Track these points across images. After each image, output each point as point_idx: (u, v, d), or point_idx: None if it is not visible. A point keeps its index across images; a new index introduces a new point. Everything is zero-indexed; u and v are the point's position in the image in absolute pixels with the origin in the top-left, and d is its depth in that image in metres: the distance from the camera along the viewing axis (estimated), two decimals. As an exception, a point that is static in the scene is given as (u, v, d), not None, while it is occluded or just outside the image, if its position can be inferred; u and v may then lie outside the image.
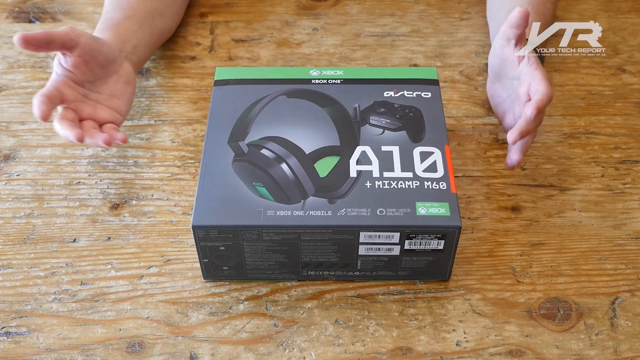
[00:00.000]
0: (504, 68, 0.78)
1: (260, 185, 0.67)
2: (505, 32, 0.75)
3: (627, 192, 0.79)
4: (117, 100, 0.79)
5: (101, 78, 0.78)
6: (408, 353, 0.65)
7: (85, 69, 0.76)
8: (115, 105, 0.79)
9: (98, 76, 0.78)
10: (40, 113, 0.70)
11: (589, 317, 0.67)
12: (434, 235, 0.65)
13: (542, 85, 0.72)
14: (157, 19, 0.90)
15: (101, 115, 0.77)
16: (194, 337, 0.66)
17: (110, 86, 0.79)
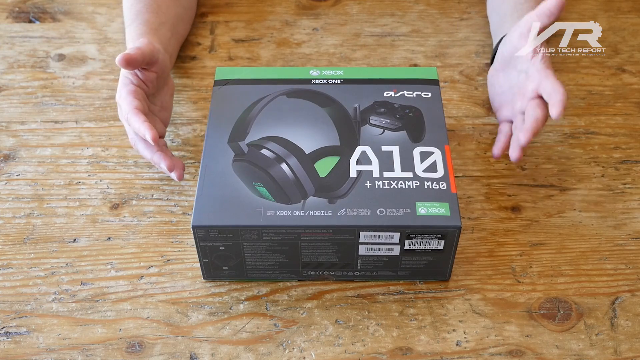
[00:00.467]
0: (514, 58, 0.78)
1: (260, 185, 0.67)
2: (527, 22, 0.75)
3: (627, 192, 0.79)
4: (165, 112, 0.79)
5: (158, 90, 0.78)
6: (408, 353, 0.65)
7: (156, 82, 0.76)
8: (164, 118, 0.79)
9: (159, 89, 0.78)
10: (153, 136, 0.68)
11: (589, 317, 0.67)
12: (434, 235, 0.65)
13: (558, 85, 0.72)
14: (181, 25, 0.90)
15: (158, 128, 0.77)
16: (194, 337, 0.66)
17: (162, 98, 0.79)
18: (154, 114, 0.77)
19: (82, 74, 0.94)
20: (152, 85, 0.75)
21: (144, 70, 0.74)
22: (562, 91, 0.71)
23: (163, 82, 0.78)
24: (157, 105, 0.78)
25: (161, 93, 0.79)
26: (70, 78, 0.93)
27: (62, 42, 0.99)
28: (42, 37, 0.99)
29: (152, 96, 0.77)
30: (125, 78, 0.74)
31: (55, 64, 0.95)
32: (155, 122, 0.76)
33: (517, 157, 0.74)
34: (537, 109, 0.73)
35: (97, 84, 0.92)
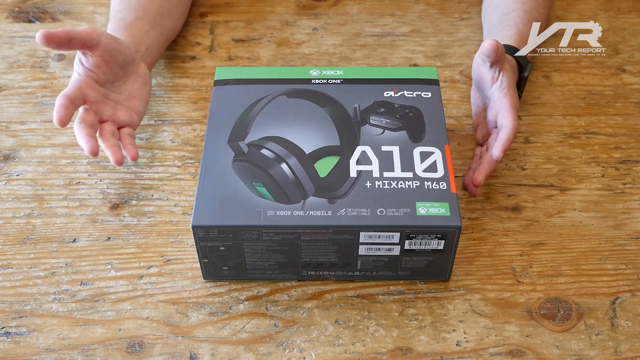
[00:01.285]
0: (481, 84, 0.79)
1: (260, 185, 0.67)
2: (480, 53, 0.76)
3: (627, 192, 0.79)
4: (135, 100, 0.79)
5: (120, 78, 0.78)
6: (408, 353, 0.65)
7: (106, 68, 0.76)
8: (133, 106, 0.79)
9: (117, 76, 0.78)
10: (59, 119, 0.69)
11: (589, 317, 0.67)
12: (434, 235, 0.65)
13: (509, 120, 0.73)
14: (166, 19, 0.90)
15: (120, 116, 0.77)
16: (194, 337, 0.66)
17: (129, 86, 0.79)
18: (117, 102, 0.78)
19: (82, 74, 0.94)
20: (100, 72, 0.75)
21: (86, 56, 0.74)
22: (509, 129, 0.73)
23: (123, 71, 0.78)
24: (123, 94, 0.78)
25: (127, 82, 0.79)
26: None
27: (62, 42, 0.98)
28: (42, 37, 0.99)
29: (112, 84, 0.77)
30: (74, 71, 0.76)
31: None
32: (116, 109, 0.77)
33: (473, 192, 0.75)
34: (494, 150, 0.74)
35: (97, 84, 0.92)
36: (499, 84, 0.76)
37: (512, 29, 0.85)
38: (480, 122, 0.81)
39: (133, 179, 0.80)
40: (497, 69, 0.76)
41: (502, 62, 0.76)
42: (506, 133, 0.73)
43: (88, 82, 0.75)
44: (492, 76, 0.76)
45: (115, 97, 0.78)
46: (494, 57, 0.73)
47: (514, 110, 0.74)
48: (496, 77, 0.76)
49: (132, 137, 0.78)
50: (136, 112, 0.79)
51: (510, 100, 0.75)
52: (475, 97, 0.83)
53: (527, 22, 0.86)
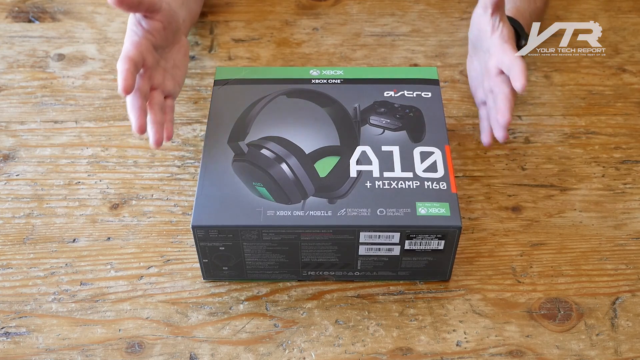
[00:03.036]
0: (479, 39, 0.78)
1: (260, 185, 0.66)
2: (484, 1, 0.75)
3: (627, 192, 0.79)
4: (179, 70, 0.77)
5: (170, 45, 0.76)
6: (408, 353, 0.65)
7: (163, 33, 0.74)
8: (177, 76, 0.77)
9: (169, 43, 0.76)
10: (125, 87, 0.65)
11: (589, 317, 0.67)
12: (434, 236, 0.65)
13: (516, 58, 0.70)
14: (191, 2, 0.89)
15: (168, 85, 0.75)
16: (194, 338, 0.66)
17: (174, 55, 0.77)
18: (165, 70, 0.75)
19: (81, 73, 0.94)
20: (159, 36, 0.73)
21: (147, 19, 0.72)
22: (519, 63, 0.70)
23: (173, 37, 0.76)
24: (170, 62, 0.76)
25: (173, 50, 0.77)
26: (70, 78, 0.93)
27: (62, 42, 0.98)
28: (42, 37, 0.99)
29: (163, 51, 0.75)
30: (130, 30, 0.72)
31: (54, 64, 0.95)
32: (165, 77, 0.75)
33: (503, 137, 0.72)
34: (502, 85, 0.72)
35: (96, 83, 0.92)
36: (499, 32, 0.75)
37: (510, 4, 0.85)
38: (479, 83, 0.80)
39: (133, 179, 0.80)
40: (498, 18, 0.75)
41: (503, 13, 0.75)
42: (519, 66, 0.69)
43: (147, 45, 0.72)
44: (492, 25, 0.75)
45: (164, 64, 0.75)
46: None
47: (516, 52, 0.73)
48: (496, 25, 0.75)
49: (173, 110, 0.76)
50: (178, 83, 0.77)
51: (512, 44, 0.74)
52: (472, 61, 0.82)
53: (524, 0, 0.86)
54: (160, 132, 0.70)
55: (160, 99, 0.73)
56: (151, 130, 0.69)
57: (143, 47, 0.70)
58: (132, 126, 0.67)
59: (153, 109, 0.71)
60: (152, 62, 0.72)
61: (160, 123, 0.70)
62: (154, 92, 0.72)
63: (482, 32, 0.77)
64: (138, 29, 0.72)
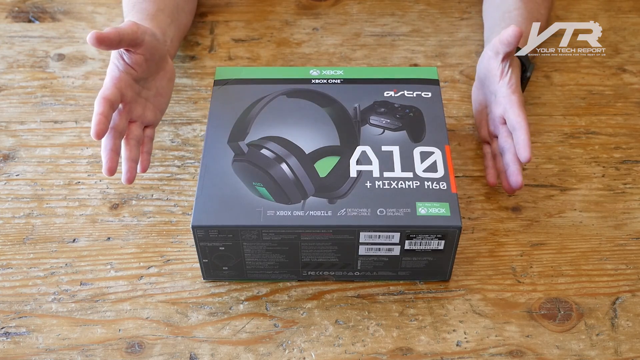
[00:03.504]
0: (487, 79, 0.79)
1: (260, 185, 0.66)
2: (495, 45, 0.75)
3: (627, 192, 0.79)
4: (161, 98, 0.77)
5: (152, 74, 0.76)
6: (408, 353, 0.65)
7: (145, 66, 0.73)
8: (159, 104, 0.77)
9: (152, 73, 0.76)
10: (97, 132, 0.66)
11: (589, 317, 0.67)
12: (434, 236, 0.65)
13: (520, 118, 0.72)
14: (181, 14, 0.88)
15: (148, 116, 0.75)
16: (194, 338, 0.66)
17: (157, 83, 0.77)
18: (146, 100, 0.75)
19: (81, 73, 0.94)
20: (141, 70, 0.73)
21: (129, 53, 0.72)
22: (524, 128, 0.71)
23: (156, 67, 0.76)
24: (152, 90, 0.76)
25: (156, 78, 0.77)
26: (70, 78, 0.93)
27: (62, 42, 0.98)
28: (42, 37, 0.99)
29: (145, 81, 0.75)
30: (112, 64, 0.72)
31: (54, 64, 0.95)
32: (146, 108, 0.75)
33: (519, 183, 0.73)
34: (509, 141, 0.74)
35: (96, 83, 0.92)
36: (507, 79, 0.75)
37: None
38: (482, 120, 0.81)
39: (133, 179, 0.80)
40: (508, 64, 0.75)
41: (513, 58, 0.75)
42: (524, 133, 0.71)
43: (127, 80, 0.72)
44: (501, 70, 0.76)
45: (146, 94, 0.75)
46: (514, 44, 0.73)
47: (523, 108, 0.74)
48: (505, 71, 0.75)
49: (152, 141, 0.76)
50: (160, 111, 0.77)
51: (519, 97, 0.74)
52: (477, 94, 0.82)
53: (528, 22, 0.86)
54: (133, 171, 0.71)
55: (138, 133, 0.73)
56: (124, 167, 0.71)
57: (122, 83, 0.71)
58: (103, 167, 0.68)
59: (129, 144, 0.72)
60: (132, 97, 0.73)
61: (134, 160, 0.72)
62: (132, 126, 0.73)
63: (491, 75, 0.77)
64: (120, 62, 0.72)
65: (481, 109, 0.82)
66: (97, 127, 0.66)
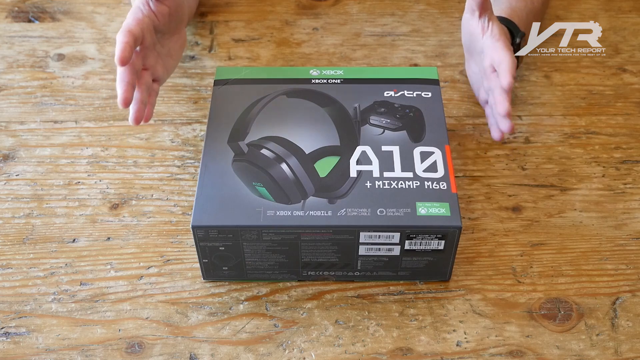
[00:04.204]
0: (472, 42, 0.78)
1: (260, 185, 0.66)
2: (469, 4, 0.75)
3: (627, 192, 0.79)
4: (171, 60, 0.78)
5: (170, 32, 0.77)
6: (408, 353, 0.65)
7: (167, 19, 0.74)
8: (169, 64, 0.78)
9: (170, 30, 0.77)
10: (122, 59, 0.66)
11: (589, 317, 0.67)
12: (434, 236, 0.65)
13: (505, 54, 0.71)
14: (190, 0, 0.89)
15: (159, 70, 0.76)
16: (194, 338, 0.66)
17: (171, 44, 0.78)
18: (159, 55, 0.76)
19: (81, 73, 0.94)
20: (163, 21, 0.74)
21: (156, 1, 0.73)
22: (507, 59, 0.70)
23: (175, 26, 0.77)
24: (165, 48, 0.77)
25: (171, 39, 0.78)
26: (70, 78, 0.93)
27: (62, 42, 0.98)
28: (42, 37, 0.99)
29: (162, 36, 0.76)
30: (136, 8, 0.73)
31: (54, 64, 0.95)
32: (157, 61, 0.76)
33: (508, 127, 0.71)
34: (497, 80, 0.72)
35: (96, 83, 0.92)
36: (489, 32, 0.74)
37: (505, 4, 0.85)
38: (478, 85, 0.80)
39: (133, 179, 0.80)
40: (486, 19, 0.75)
41: (491, 13, 0.75)
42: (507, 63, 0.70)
43: (149, 25, 0.72)
44: (482, 26, 0.75)
45: (159, 49, 0.76)
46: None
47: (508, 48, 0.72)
48: (486, 26, 0.75)
49: (157, 95, 0.76)
50: (167, 71, 0.78)
51: (504, 42, 0.73)
52: (470, 65, 0.82)
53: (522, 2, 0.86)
54: (142, 111, 0.71)
55: (149, 80, 0.74)
56: (134, 107, 0.70)
57: (145, 25, 0.71)
58: (118, 98, 0.68)
59: (141, 87, 0.72)
60: (149, 43, 0.73)
61: (144, 102, 0.71)
62: (144, 72, 0.73)
63: (474, 35, 0.77)
64: (145, 7, 0.73)
65: (475, 77, 0.81)
66: (122, 53, 0.66)
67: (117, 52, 0.67)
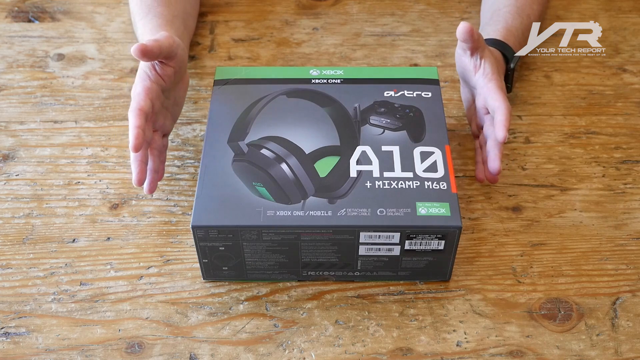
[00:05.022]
0: (465, 76, 0.79)
1: (260, 185, 0.66)
2: (460, 44, 0.75)
3: (628, 192, 0.79)
4: (177, 107, 0.78)
5: (174, 85, 0.76)
6: (408, 354, 0.65)
7: (173, 78, 0.74)
8: (175, 113, 0.78)
9: (175, 84, 0.76)
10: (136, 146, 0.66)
11: (589, 317, 0.67)
12: (435, 236, 0.65)
13: (499, 102, 0.72)
14: (190, 20, 0.89)
15: (167, 125, 0.76)
16: (194, 338, 0.66)
17: (176, 93, 0.77)
18: (166, 109, 0.76)
19: (81, 73, 0.94)
20: (169, 81, 0.73)
21: (162, 65, 0.72)
22: (502, 108, 0.71)
23: (180, 77, 0.76)
24: (171, 100, 0.77)
25: (177, 88, 0.77)
26: (70, 78, 0.93)
27: (62, 42, 0.98)
28: (42, 37, 0.99)
29: (167, 91, 0.75)
30: (143, 72, 0.72)
31: (54, 64, 0.95)
32: (165, 117, 0.76)
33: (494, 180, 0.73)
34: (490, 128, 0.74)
35: (96, 83, 0.92)
36: (482, 71, 0.75)
37: (500, 24, 0.85)
38: (472, 115, 0.81)
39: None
40: (478, 57, 0.75)
41: (483, 50, 0.75)
42: (502, 114, 0.71)
43: (157, 91, 0.72)
44: (474, 64, 0.76)
45: (166, 104, 0.76)
46: (469, 40, 0.72)
47: (501, 91, 0.73)
48: (478, 64, 0.75)
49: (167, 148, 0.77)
50: (174, 120, 0.78)
51: (496, 83, 0.74)
52: (464, 91, 0.82)
53: (516, 17, 0.86)
54: (155, 181, 0.73)
55: (160, 143, 0.75)
56: (148, 178, 0.72)
57: (154, 94, 0.71)
58: (132, 178, 0.70)
59: (153, 154, 0.73)
60: (159, 107, 0.73)
61: (156, 171, 0.73)
62: (155, 136, 0.74)
63: (467, 71, 0.77)
64: (152, 73, 0.72)
65: (469, 105, 0.81)
66: (136, 140, 0.66)
67: (131, 138, 0.66)
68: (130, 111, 0.68)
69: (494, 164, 0.72)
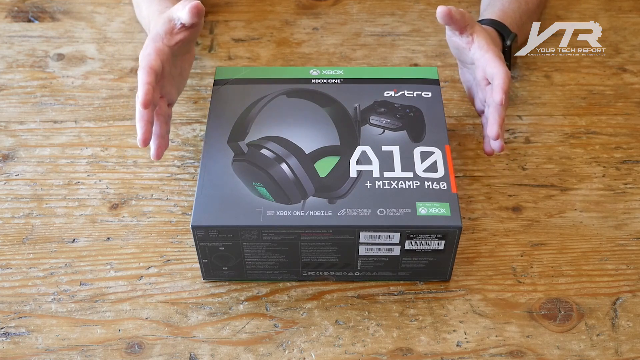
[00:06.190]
0: (461, 55, 0.78)
1: (260, 185, 0.66)
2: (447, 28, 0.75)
3: (628, 192, 0.79)
4: (181, 79, 0.77)
5: (182, 54, 0.76)
6: (408, 354, 0.65)
7: (185, 46, 0.74)
8: (179, 84, 0.77)
9: (185, 52, 0.76)
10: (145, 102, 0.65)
11: (590, 317, 0.67)
12: (435, 236, 0.65)
13: (497, 68, 0.71)
14: None
15: (173, 95, 0.75)
16: (194, 338, 0.66)
17: (183, 64, 0.77)
18: (173, 78, 0.75)
19: (81, 73, 0.93)
20: (182, 47, 0.73)
21: (182, 29, 0.72)
22: (500, 73, 0.70)
23: (189, 48, 0.76)
24: (177, 69, 0.76)
25: (183, 58, 0.77)
26: (70, 78, 0.93)
27: (61, 42, 0.98)
28: (41, 37, 0.99)
29: (175, 58, 0.75)
30: (156, 34, 0.72)
31: (54, 64, 0.95)
32: (171, 85, 0.75)
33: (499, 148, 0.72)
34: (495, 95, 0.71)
35: (96, 83, 0.92)
36: (476, 44, 0.74)
37: (497, 7, 0.86)
38: (473, 93, 0.80)
39: (132, 179, 0.80)
40: (469, 34, 0.75)
41: (472, 26, 0.75)
42: (500, 77, 0.70)
43: (167, 54, 0.71)
44: (467, 41, 0.75)
45: (173, 72, 0.75)
46: (450, 22, 0.72)
47: (499, 59, 0.73)
48: (471, 40, 0.75)
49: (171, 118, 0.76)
50: (179, 92, 0.77)
51: (493, 52, 0.73)
52: (464, 73, 0.82)
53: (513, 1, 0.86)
54: (162, 146, 0.71)
55: (165, 109, 0.73)
56: (155, 142, 0.70)
57: (164, 56, 0.70)
58: (137, 137, 0.67)
59: (159, 120, 0.71)
60: (167, 71, 0.72)
61: (163, 136, 0.71)
62: (162, 102, 0.73)
63: (461, 49, 0.77)
64: (166, 36, 0.72)
65: (469, 84, 0.81)
66: (146, 96, 0.65)
67: (140, 94, 0.65)
68: (141, 69, 0.68)
69: (493, 129, 0.70)
